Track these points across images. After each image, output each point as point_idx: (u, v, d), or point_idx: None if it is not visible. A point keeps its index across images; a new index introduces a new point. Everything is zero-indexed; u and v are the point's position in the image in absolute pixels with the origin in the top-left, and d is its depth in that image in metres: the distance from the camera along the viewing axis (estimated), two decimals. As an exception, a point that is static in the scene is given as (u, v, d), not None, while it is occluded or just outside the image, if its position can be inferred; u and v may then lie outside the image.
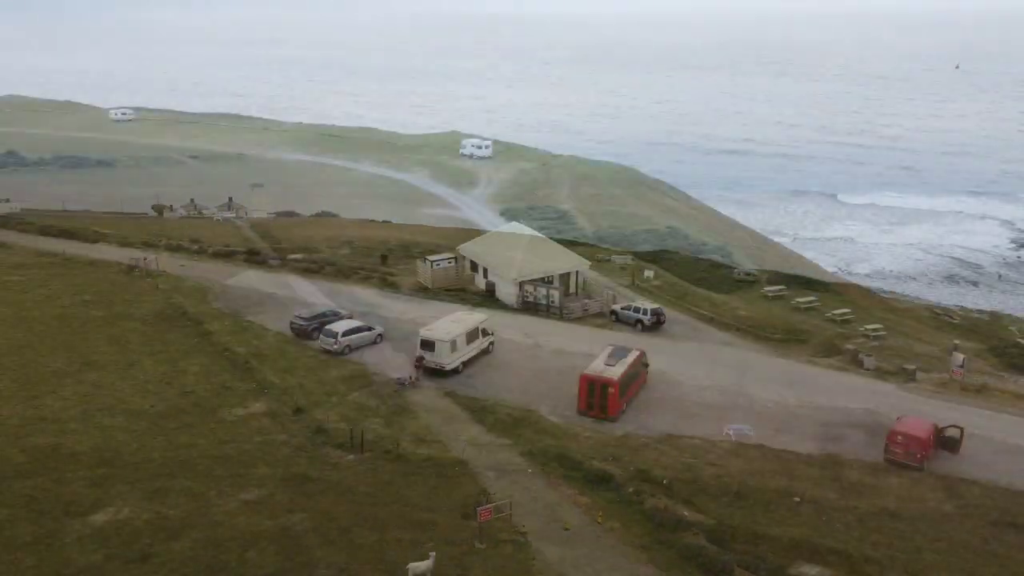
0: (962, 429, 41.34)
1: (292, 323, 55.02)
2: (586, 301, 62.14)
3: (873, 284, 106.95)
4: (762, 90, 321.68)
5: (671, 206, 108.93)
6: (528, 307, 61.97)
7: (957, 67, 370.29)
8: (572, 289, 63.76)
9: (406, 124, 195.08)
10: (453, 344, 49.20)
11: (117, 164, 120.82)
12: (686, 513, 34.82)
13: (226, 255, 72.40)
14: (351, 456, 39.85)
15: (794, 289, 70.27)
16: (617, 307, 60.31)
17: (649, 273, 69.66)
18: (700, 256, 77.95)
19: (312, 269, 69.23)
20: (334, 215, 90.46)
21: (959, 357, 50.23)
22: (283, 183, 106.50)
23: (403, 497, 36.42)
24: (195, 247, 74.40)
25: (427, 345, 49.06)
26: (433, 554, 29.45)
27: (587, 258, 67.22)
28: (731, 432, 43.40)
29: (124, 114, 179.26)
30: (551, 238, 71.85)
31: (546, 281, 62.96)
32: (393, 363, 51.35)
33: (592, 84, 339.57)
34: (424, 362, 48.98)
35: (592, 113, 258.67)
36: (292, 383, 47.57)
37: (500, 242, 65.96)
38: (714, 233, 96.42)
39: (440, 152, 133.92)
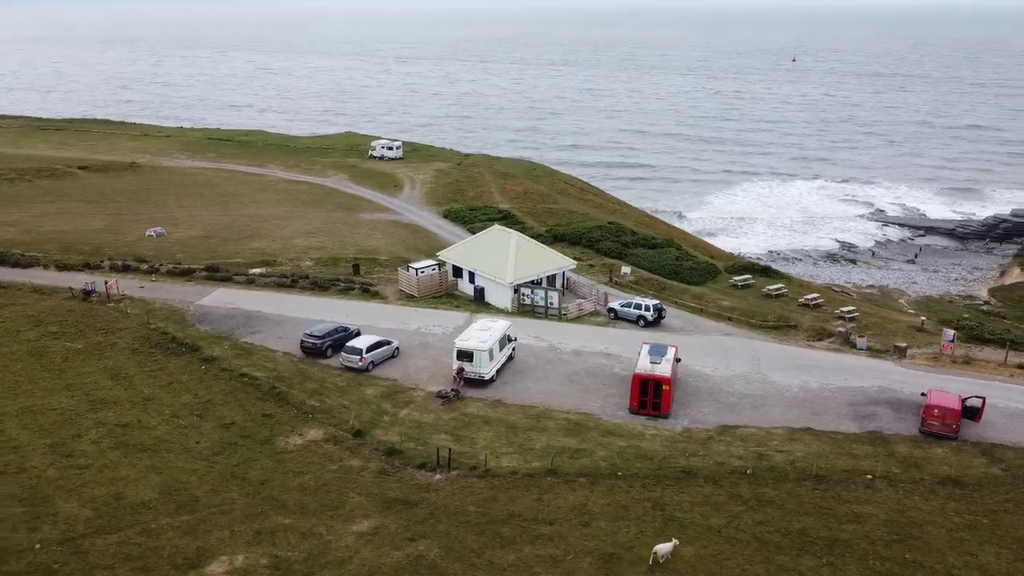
0: (983, 399, 45.38)
1: (303, 342, 52.64)
2: (581, 301, 62.97)
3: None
4: (635, 85, 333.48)
5: (596, 201, 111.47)
6: (524, 310, 62.06)
7: (794, 60, 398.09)
8: (558, 289, 64.32)
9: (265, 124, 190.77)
10: (491, 353, 48.82)
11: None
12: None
13: (183, 273, 67.86)
14: (438, 476, 38.97)
15: (756, 277, 73.96)
16: (616, 305, 61.51)
17: (626, 269, 71.34)
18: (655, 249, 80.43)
19: (285, 284, 66.20)
20: (270, 224, 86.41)
21: (949, 333, 54.97)
22: (197, 193, 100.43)
23: (515, 512, 36.08)
24: (144, 266, 69.17)
25: (464, 355, 48.40)
26: (675, 540, 32.68)
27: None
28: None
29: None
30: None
31: (534, 283, 63.27)
32: (420, 375, 50.32)
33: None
34: (465, 373, 48.25)
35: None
36: (332, 405, 45.68)
37: (485, 245, 65.58)
38: (644, 225, 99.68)
39: (348, 154, 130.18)
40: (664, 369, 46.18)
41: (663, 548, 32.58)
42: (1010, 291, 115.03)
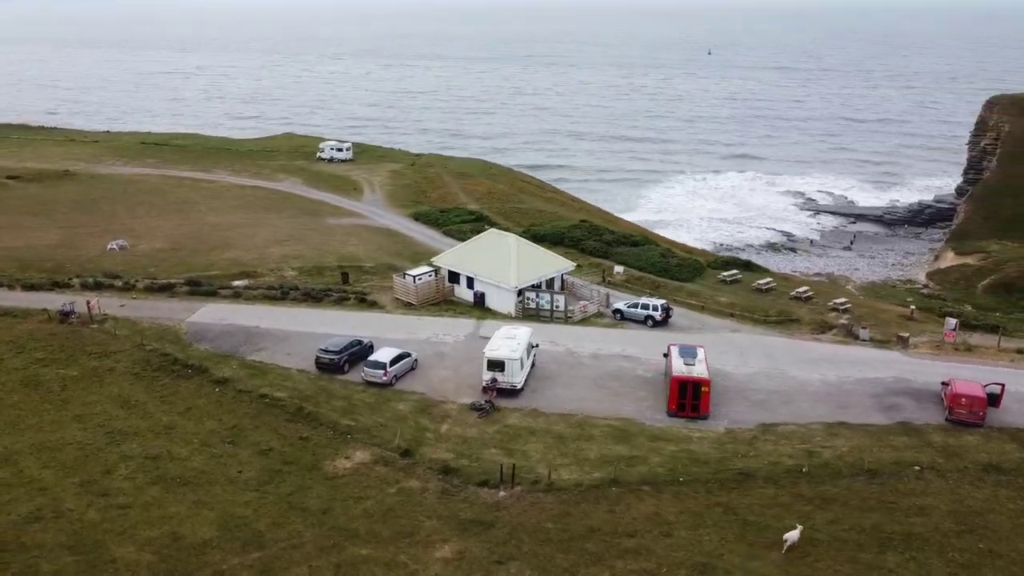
0: (1003, 385, 47.16)
1: (319, 358, 50.58)
2: (584, 302, 62.63)
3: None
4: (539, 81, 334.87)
5: (559, 199, 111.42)
6: (528, 313, 61.33)
7: (710, 53, 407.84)
8: (564, 292, 63.89)
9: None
10: (521, 361, 48.00)
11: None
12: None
13: (163, 289, 64.35)
14: (503, 493, 38.00)
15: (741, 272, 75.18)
16: (622, 305, 61.41)
17: (619, 269, 71.35)
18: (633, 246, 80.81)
19: (275, 296, 63.55)
20: (237, 232, 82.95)
21: (952, 321, 57.00)
22: (147, 201, 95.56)
23: (594, 527, 35.47)
24: (118, 283, 65.30)
25: (495, 365, 47.41)
26: (799, 527, 33.83)
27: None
28: None
29: None
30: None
31: (535, 286, 62.64)
32: (446, 387, 49.08)
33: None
34: (497, 383, 47.25)
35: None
36: (368, 423, 44.05)
37: (483, 250, 64.44)
38: (611, 223, 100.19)
39: (294, 157, 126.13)
40: (701, 370, 46.32)
41: (792, 535, 33.59)
42: (946, 274, 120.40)
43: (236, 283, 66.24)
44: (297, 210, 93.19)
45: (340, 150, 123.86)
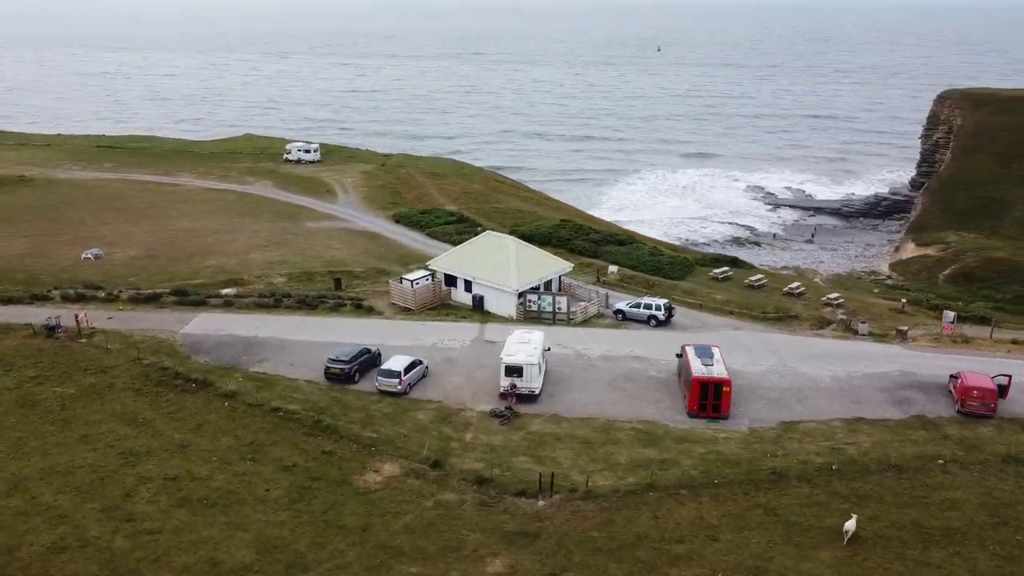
0: (1009, 377, 48.20)
1: (328, 368, 49.19)
2: (584, 304, 62.29)
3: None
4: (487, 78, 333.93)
5: (534, 199, 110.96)
6: (529, 316, 60.75)
7: (659, 50, 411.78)
8: (566, 294, 63.46)
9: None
10: (539, 367, 47.41)
11: None
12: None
13: (149, 299, 62.03)
14: (542, 502, 37.39)
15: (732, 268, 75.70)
16: (624, 306, 61.23)
17: (613, 268, 71.16)
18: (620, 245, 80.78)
19: (268, 304, 61.78)
20: (214, 238, 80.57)
21: (950, 314, 58.13)
22: (113, 207, 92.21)
23: (640, 534, 35.14)
24: (101, 294, 62.74)
25: (513, 371, 46.72)
26: (854, 515, 34.50)
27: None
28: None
29: None
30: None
31: (534, 288, 62.10)
32: (462, 394, 48.25)
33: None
34: (516, 389, 46.58)
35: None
36: (391, 435, 43.00)
37: (481, 252, 63.61)
38: (591, 221, 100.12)
39: (259, 159, 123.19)
40: (721, 370, 46.32)
41: (850, 525, 34.33)
42: (908, 265, 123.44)
43: (224, 291, 64.25)
44: (273, 214, 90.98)
45: (308, 151, 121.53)
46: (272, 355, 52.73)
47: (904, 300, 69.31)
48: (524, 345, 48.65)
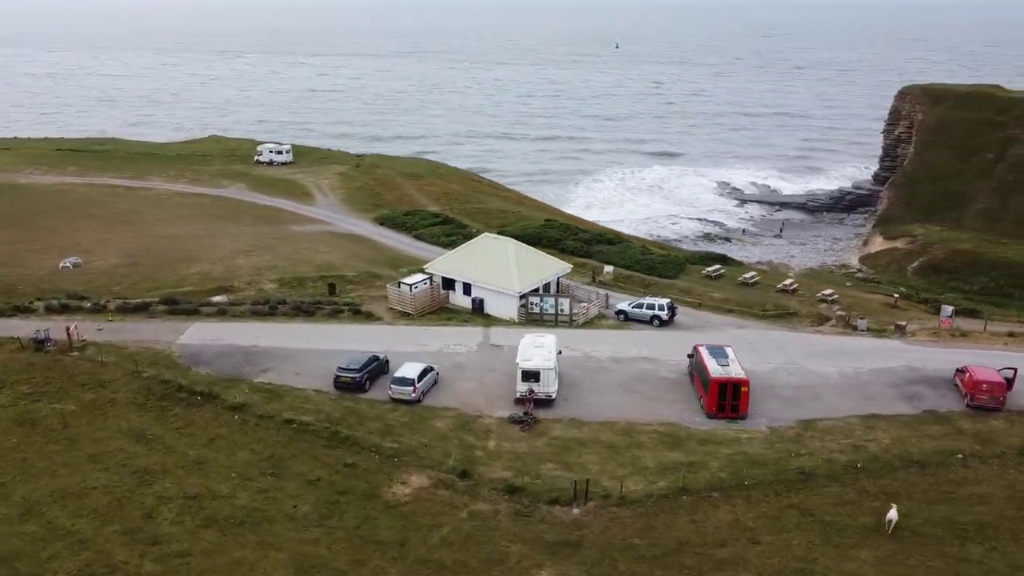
0: (1015, 370, 49.05)
1: (339, 377, 48.00)
2: (585, 305, 61.93)
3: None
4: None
5: (514, 198, 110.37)
6: (531, 318, 60.22)
7: (617, 47, 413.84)
8: (569, 295, 63.04)
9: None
10: (555, 371, 46.91)
11: None
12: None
13: (138, 309, 59.99)
14: (577, 510, 36.90)
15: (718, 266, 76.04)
16: (625, 306, 60.99)
17: (609, 269, 70.92)
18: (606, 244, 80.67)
19: (263, 312, 60.20)
20: (196, 244, 78.44)
21: (947, 309, 59.03)
22: (86, 213, 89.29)
23: (682, 539, 34.87)
24: (87, 304, 60.52)
25: (530, 376, 46.14)
26: (894, 505, 35.25)
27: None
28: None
29: None
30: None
31: (535, 291, 61.61)
32: (476, 400, 47.54)
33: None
34: (534, 394, 46.01)
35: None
36: (412, 444, 42.12)
37: (479, 255, 62.82)
38: (575, 220, 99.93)
39: (230, 161, 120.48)
40: (738, 370, 46.35)
41: (893, 515, 35.08)
42: (877, 258, 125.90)
43: (215, 299, 62.52)
44: (253, 217, 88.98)
45: (280, 152, 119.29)
46: (276, 365, 51.34)
47: (897, 295, 70.35)
48: (539, 349, 48.10)
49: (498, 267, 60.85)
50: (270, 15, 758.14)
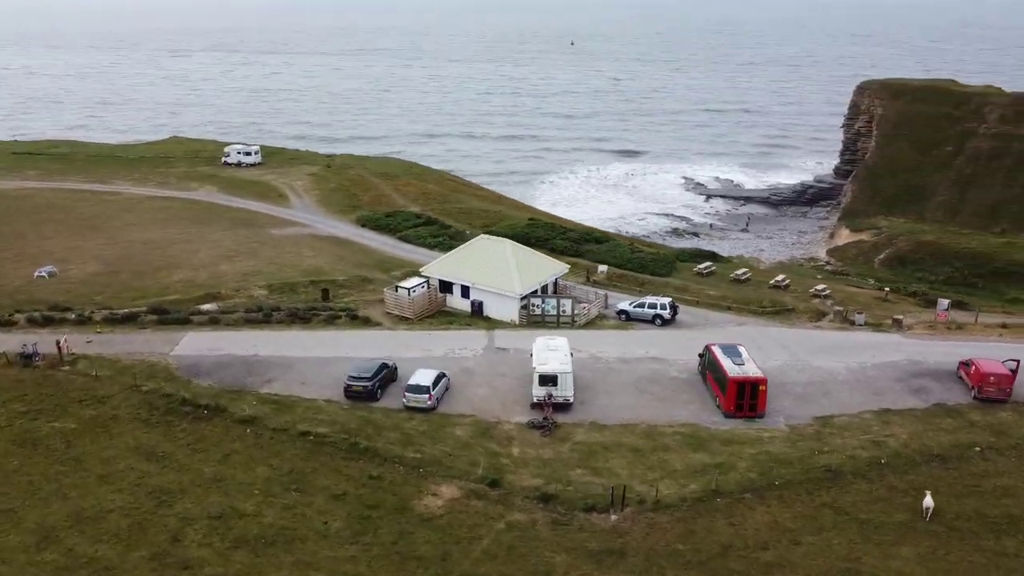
0: (1018, 361, 49.97)
1: (350, 386, 46.77)
2: (585, 305, 61.54)
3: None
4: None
5: (492, 197, 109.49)
6: (532, 320, 59.62)
7: (572, 44, 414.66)
8: (571, 296, 62.55)
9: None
10: (573, 374, 46.38)
11: None
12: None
13: (126, 319, 57.81)
14: (614, 516, 36.45)
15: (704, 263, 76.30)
16: (627, 306, 60.73)
17: (603, 268, 70.57)
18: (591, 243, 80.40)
19: (257, 320, 58.53)
20: (175, 250, 76.03)
21: (944, 302, 59.96)
22: (52, 219, 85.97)
23: (725, 543, 34.63)
24: (71, 316, 58.13)
25: (548, 380, 45.54)
26: (928, 492, 36.20)
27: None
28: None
29: None
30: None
31: (534, 293, 61.05)
32: (491, 406, 46.78)
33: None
34: (553, 399, 45.41)
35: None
36: (436, 454, 41.21)
37: (476, 257, 61.94)
38: (557, 220, 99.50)
39: (195, 163, 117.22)
40: (754, 369, 46.35)
41: (928, 502, 36.11)
42: (844, 251, 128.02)
43: (205, 307, 60.62)
44: (229, 221, 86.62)
45: (248, 153, 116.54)
46: (279, 374, 49.88)
47: (887, 288, 71.40)
48: (554, 353, 47.54)
49: (497, 269, 60.09)
50: (217, 13, 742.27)
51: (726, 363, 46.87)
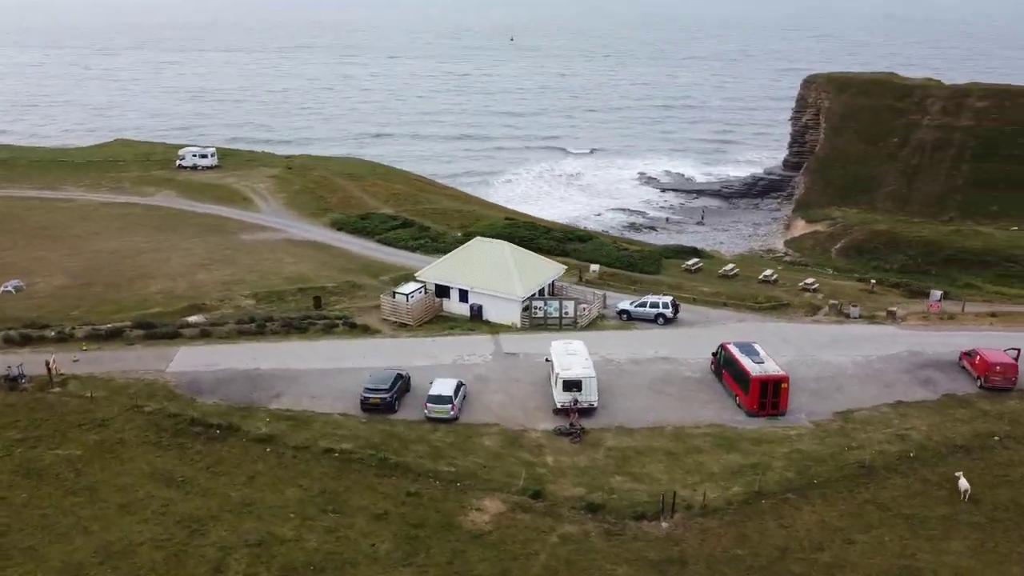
0: (1019, 350, 51.30)
1: (367, 398, 45.21)
2: (585, 306, 60.99)
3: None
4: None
5: (463, 197, 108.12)
6: (534, 322, 58.83)
7: (512, 40, 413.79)
8: (573, 298, 61.88)
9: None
10: (596, 379, 45.77)
11: None
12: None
13: (111, 335, 54.91)
14: (665, 524, 35.97)
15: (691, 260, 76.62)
16: (628, 305, 60.39)
17: (595, 268, 70.10)
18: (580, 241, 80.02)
19: (251, 331, 56.27)
20: (144, 259, 72.79)
21: (936, 293, 61.24)
22: (3, 230, 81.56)
23: (781, 546, 34.47)
24: (51, 333, 54.91)
25: (572, 386, 44.83)
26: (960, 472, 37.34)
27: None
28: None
29: None
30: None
31: (536, 296, 60.30)
32: (513, 414, 45.92)
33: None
34: (579, 404, 44.72)
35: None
36: (471, 466, 40.14)
37: (474, 260, 60.73)
38: (532, 218, 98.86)
39: (148, 166, 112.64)
40: (775, 367, 46.48)
41: (964, 483, 37.33)
42: (801, 242, 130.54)
43: (193, 319, 58.11)
44: (197, 228, 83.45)
45: (204, 156, 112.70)
46: (286, 388, 47.99)
47: (873, 280, 72.71)
48: (575, 357, 46.89)
49: (497, 271, 59.07)
50: (141, 10, 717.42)
51: (746, 362, 46.84)
